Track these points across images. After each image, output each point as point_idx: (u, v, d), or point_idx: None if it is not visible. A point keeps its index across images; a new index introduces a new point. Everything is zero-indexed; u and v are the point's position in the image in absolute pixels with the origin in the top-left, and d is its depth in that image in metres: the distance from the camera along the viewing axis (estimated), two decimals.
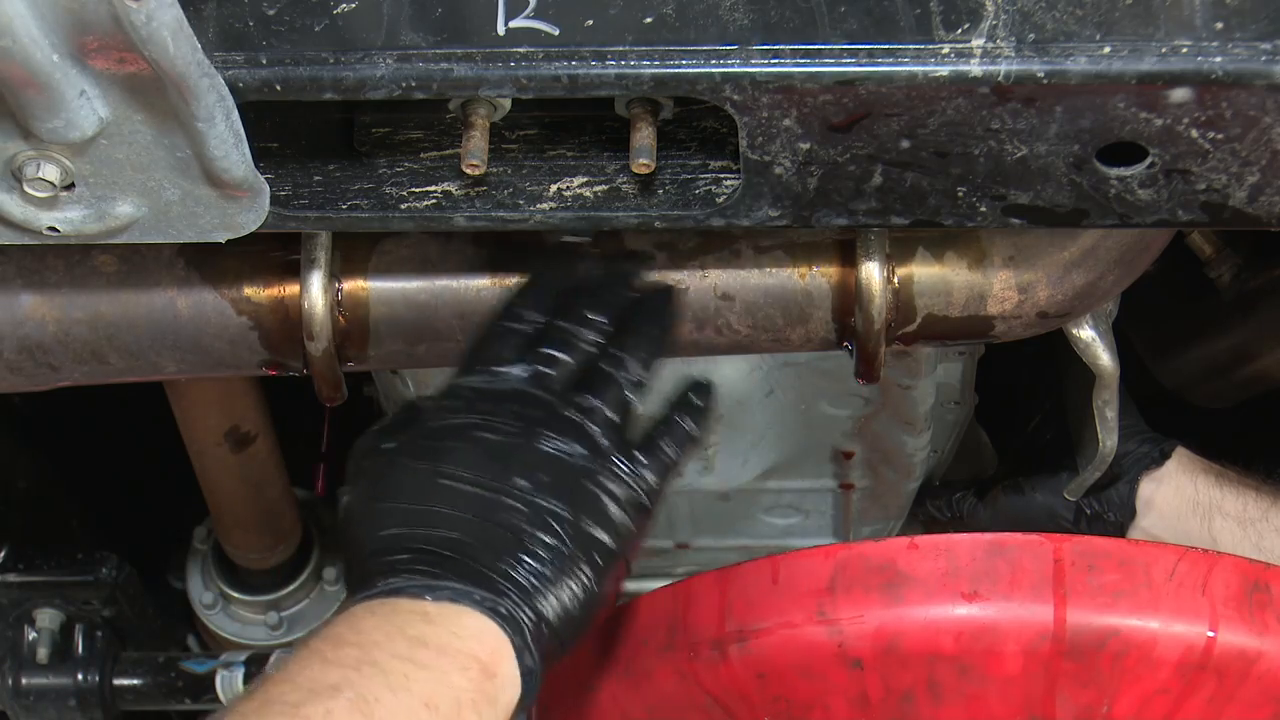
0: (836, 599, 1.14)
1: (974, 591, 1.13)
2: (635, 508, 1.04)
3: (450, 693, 0.95)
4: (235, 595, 1.85)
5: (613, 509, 1.03)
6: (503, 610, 0.98)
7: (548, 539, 1.00)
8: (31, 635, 1.78)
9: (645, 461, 1.05)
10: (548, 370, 1.06)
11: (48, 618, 1.78)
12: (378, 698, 0.92)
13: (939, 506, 1.62)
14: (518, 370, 1.06)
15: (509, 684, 0.98)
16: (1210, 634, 1.12)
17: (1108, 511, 1.45)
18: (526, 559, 0.99)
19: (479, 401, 1.04)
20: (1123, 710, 1.14)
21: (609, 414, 1.05)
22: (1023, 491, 1.51)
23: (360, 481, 1.05)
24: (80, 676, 1.79)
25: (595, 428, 1.04)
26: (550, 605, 1.00)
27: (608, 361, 1.07)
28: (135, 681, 1.80)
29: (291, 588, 1.85)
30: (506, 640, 0.98)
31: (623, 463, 1.04)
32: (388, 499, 1.02)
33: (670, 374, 1.46)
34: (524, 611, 0.98)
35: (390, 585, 0.98)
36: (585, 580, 1.01)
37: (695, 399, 1.11)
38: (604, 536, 1.02)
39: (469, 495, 1.00)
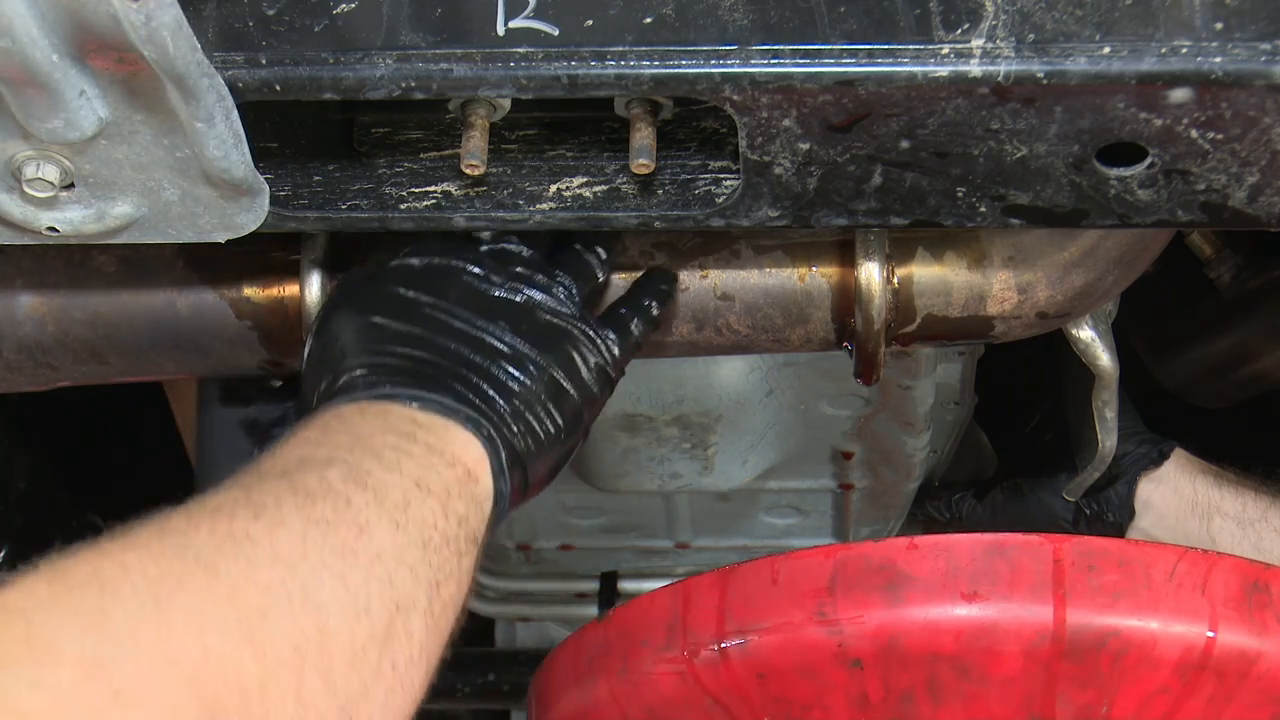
0: (836, 599, 1.14)
1: (974, 592, 1.13)
2: (601, 375, 1.09)
3: (440, 480, 0.97)
4: None
5: (583, 371, 1.08)
6: (485, 431, 1.02)
7: (525, 380, 1.05)
8: None
9: (613, 336, 1.11)
10: (515, 247, 1.12)
11: None
12: (369, 470, 0.94)
13: (938, 507, 1.62)
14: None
15: (487, 496, 1.01)
16: (1210, 634, 1.12)
17: (1106, 512, 1.45)
18: (504, 395, 1.04)
19: (466, 250, 1.10)
20: (1122, 710, 1.14)
21: (580, 285, 1.12)
22: (1022, 492, 1.51)
23: (352, 299, 1.09)
24: None
25: (567, 295, 1.10)
26: (521, 441, 1.04)
27: (580, 243, 1.14)
28: None
29: None
30: (487, 457, 1.01)
31: (594, 332, 1.10)
32: (379, 315, 1.06)
33: (670, 374, 1.47)
34: (501, 438, 1.03)
35: (379, 392, 1.02)
36: (552, 428, 1.06)
37: (660, 284, 1.18)
38: (573, 393, 1.07)
39: (456, 329, 1.05)
